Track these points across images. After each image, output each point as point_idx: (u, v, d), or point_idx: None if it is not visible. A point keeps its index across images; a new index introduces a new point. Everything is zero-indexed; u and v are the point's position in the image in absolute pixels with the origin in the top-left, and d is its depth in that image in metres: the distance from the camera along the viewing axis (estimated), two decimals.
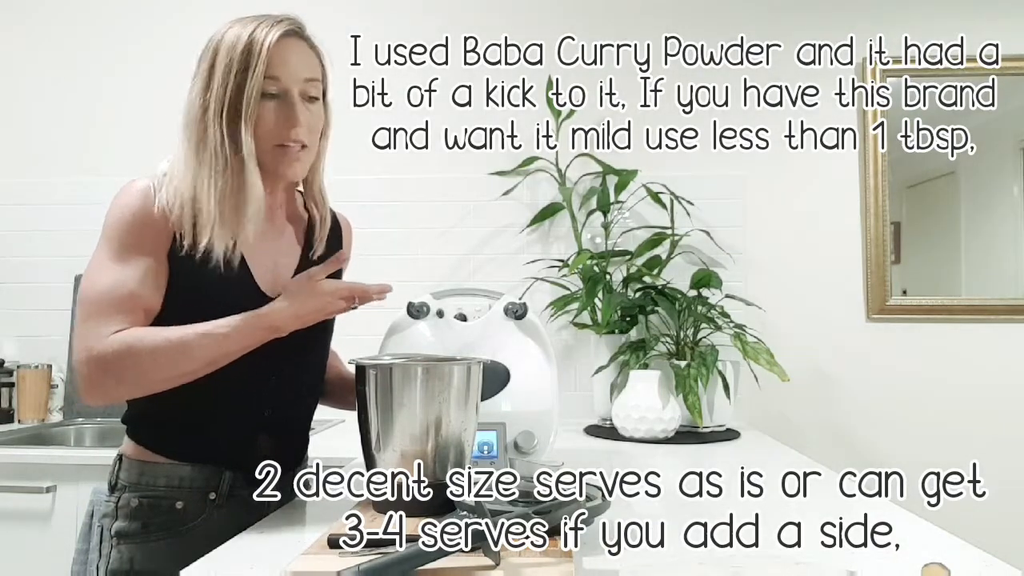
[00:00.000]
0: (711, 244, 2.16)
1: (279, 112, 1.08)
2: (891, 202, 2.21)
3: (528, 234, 2.24)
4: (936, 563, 0.79)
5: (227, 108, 1.05)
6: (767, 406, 2.15)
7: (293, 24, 1.13)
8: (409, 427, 0.97)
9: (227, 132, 1.05)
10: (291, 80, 1.08)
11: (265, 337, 1.03)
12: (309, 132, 1.11)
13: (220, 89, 1.06)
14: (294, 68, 1.09)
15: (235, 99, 1.05)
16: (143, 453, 1.10)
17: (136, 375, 1.00)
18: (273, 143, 1.08)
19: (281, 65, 1.07)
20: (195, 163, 1.06)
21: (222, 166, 1.05)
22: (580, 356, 2.19)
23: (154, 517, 1.08)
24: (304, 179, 1.20)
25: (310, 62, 1.12)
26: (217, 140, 1.05)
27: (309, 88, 1.11)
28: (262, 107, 1.07)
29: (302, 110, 1.09)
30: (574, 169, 2.19)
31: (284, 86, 1.08)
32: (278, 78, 1.07)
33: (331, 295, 1.05)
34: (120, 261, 1.04)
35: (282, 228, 1.20)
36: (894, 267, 2.21)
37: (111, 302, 1.02)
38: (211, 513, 1.08)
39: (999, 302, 2.19)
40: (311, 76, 1.11)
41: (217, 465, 1.09)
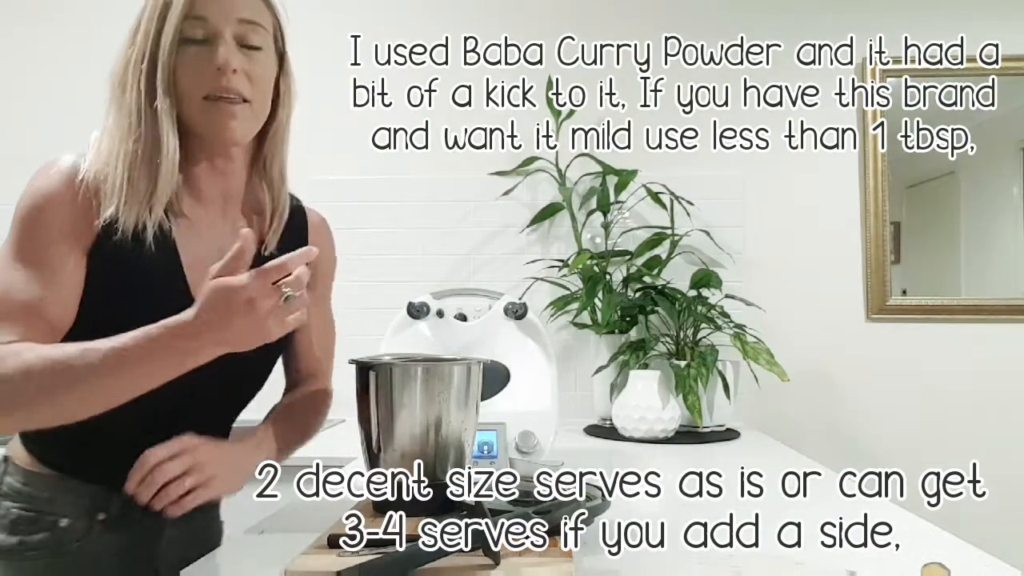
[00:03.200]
0: (711, 244, 2.16)
1: (205, 57, 0.90)
2: (891, 202, 2.21)
3: (528, 234, 2.24)
4: (936, 563, 0.79)
5: (147, 59, 0.90)
6: (767, 406, 2.15)
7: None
8: (409, 427, 0.97)
9: (145, 87, 0.90)
10: (221, 19, 0.91)
11: (180, 363, 0.80)
12: (250, 83, 0.93)
13: (141, 38, 0.91)
14: (226, 6, 0.91)
15: (154, 47, 0.90)
16: (29, 460, 0.96)
17: (4, 402, 0.79)
18: (200, 94, 0.91)
19: (208, 3, 0.91)
20: (114, 128, 0.91)
21: (136, 123, 0.90)
22: (580, 356, 2.19)
23: (33, 533, 0.93)
24: (259, 155, 1.01)
25: (252, 4, 0.94)
26: (133, 97, 0.90)
27: (248, 33, 0.93)
28: (184, 53, 0.90)
29: (234, 52, 0.91)
30: (574, 169, 2.19)
31: (213, 27, 0.91)
32: (204, 17, 0.90)
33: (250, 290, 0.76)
34: (24, 260, 0.87)
35: (232, 217, 1.00)
36: (894, 267, 2.21)
37: (2, 310, 0.84)
38: (98, 536, 0.95)
39: (999, 302, 2.19)
40: (250, 18, 0.93)
41: (107, 484, 0.93)
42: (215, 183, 0.98)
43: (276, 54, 0.99)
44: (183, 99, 0.91)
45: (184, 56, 0.90)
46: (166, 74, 0.90)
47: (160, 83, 0.89)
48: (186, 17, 0.90)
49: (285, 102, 1.00)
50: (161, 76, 0.89)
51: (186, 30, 0.90)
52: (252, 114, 0.94)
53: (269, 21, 0.96)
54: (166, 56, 0.89)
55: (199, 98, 0.91)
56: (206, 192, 0.98)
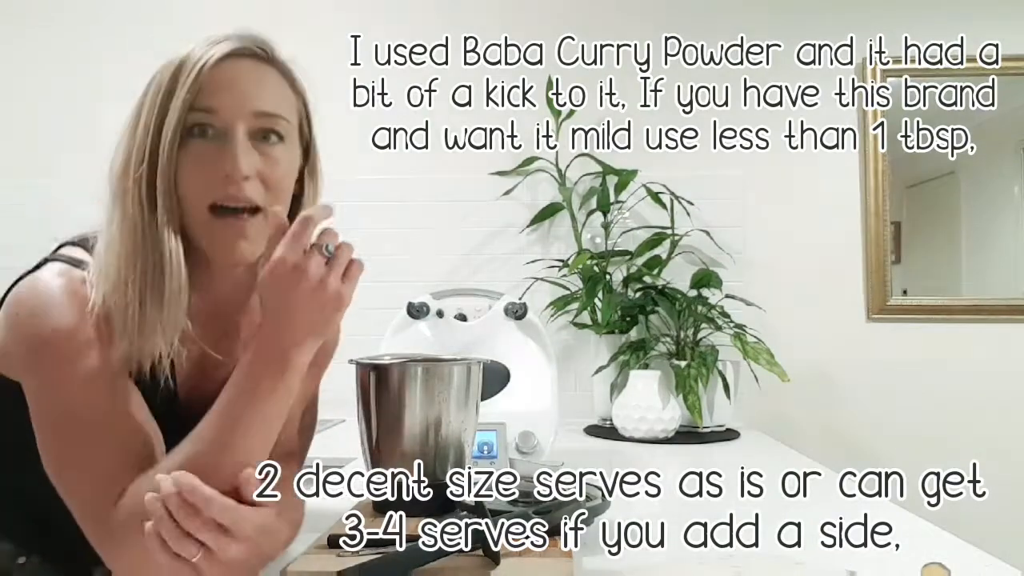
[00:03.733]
0: (711, 244, 2.16)
1: (212, 157, 0.77)
2: (891, 202, 2.21)
3: (528, 234, 2.24)
4: (936, 563, 0.79)
5: (147, 157, 0.76)
6: (767, 406, 2.15)
7: (248, 41, 0.82)
8: (409, 427, 0.97)
9: (145, 191, 0.76)
10: (233, 113, 0.77)
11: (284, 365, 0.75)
12: (265, 189, 0.79)
13: (141, 132, 0.77)
14: (240, 96, 0.78)
15: (155, 142, 0.76)
16: None
17: None
18: (204, 203, 0.78)
19: (218, 91, 0.77)
20: (119, 243, 0.77)
21: (141, 240, 0.76)
22: (580, 356, 2.19)
23: None
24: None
25: (272, 91, 0.82)
26: (135, 206, 0.77)
27: (267, 126, 0.80)
28: (188, 150, 0.77)
29: (246, 152, 0.77)
30: (574, 169, 2.19)
31: (223, 122, 0.77)
32: (213, 109, 0.77)
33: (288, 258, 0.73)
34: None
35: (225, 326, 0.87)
36: (894, 267, 2.21)
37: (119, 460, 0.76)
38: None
39: (999, 302, 2.19)
40: (269, 110, 0.80)
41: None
42: (216, 290, 0.86)
43: (301, 146, 0.86)
44: (185, 207, 0.78)
45: (187, 154, 0.77)
46: (167, 180, 0.76)
47: (161, 192, 0.76)
48: (191, 108, 0.76)
49: (310, 197, 0.86)
50: (162, 182, 0.76)
51: (191, 123, 0.77)
52: (266, 225, 0.79)
53: (294, 109, 0.84)
54: (166, 157, 0.76)
55: (203, 207, 0.78)
56: (205, 300, 0.85)
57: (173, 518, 0.66)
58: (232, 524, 0.68)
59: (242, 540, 0.69)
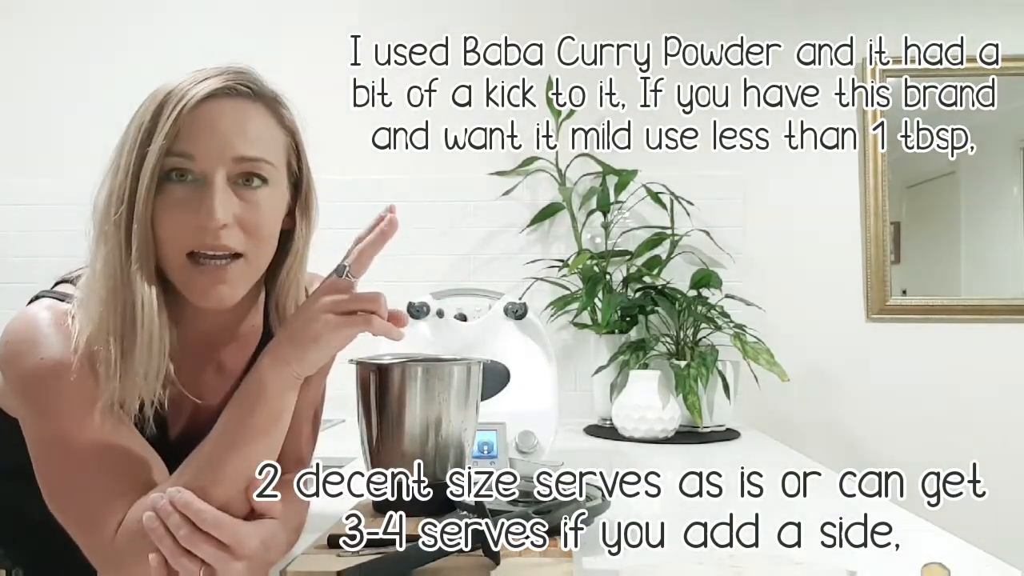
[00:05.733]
0: (711, 244, 2.16)
1: (188, 204, 0.75)
2: (891, 202, 2.21)
3: (528, 234, 2.24)
4: (936, 563, 0.79)
5: (126, 201, 0.74)
6: (767, 406, 2.15)
7: (235, 78, 0.78)
8: (409, 427, 0.97)
9: (124, 235, 0.75)
10: (213, 158, 0.75)
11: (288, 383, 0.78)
12: (245, 235, 0.77)
13: (121, 174, 0.75)
14: (220, 140, 0.75)
15: (133, 185, 0.74)
16: None
17: None
18: (182, 250, 0.76)
19: (197, 136, 0.74)
20: (100, 284, 0.76)
21: (120, 285, 0.75)
22: (580, 356, 2.19)
23: None
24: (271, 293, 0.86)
25: (256, 132, 0.78)
26: (114, 244, 0.75)
27: (248, 169, 0.77)
28: (166, 195, 0.75)
29: (224, 200, 0.74)
30: (574, 169, 2.19)
31: (202, 166, 0.75)
32: (191, 155, 0.75)
33: (323, 309, 0.76)
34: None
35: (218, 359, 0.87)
36: (894, 267, 2.21)
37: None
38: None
39: (999, 302, 2.19)
40: (251, 155, 0.77)
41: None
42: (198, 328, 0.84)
43: (291, 182, 0.84)
44: (163, 251, 0.76)
45: (165, 200, 0.75)
46: (143, 225, 0.74)
47: (136, 237, 0.74)
48: (169, 153, 0.74)
49: (302, 233, 0.85)
50: (138, 227, 0.73)
51: (169, 167, 0.74)
52: (247, 270, 0.79)
53: (281, 147, 0.82)
54: (143, 202, 0.73)
55: (181, 254, 0.76)
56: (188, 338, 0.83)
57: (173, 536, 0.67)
58: (232, 540, 0.69)
59: (243, 556, 0.70)
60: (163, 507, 0.67)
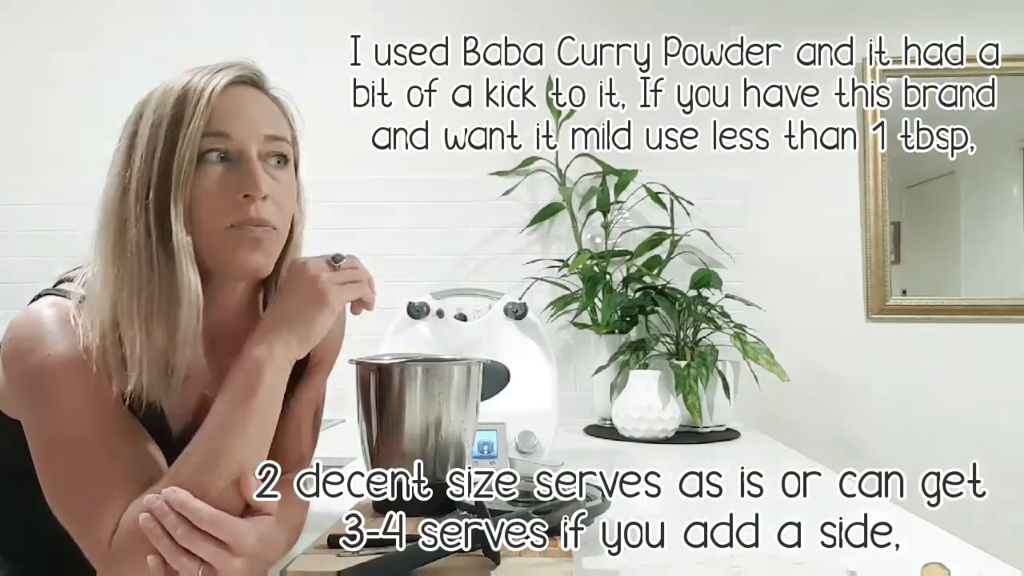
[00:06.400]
0: (711, 244, 2.16)
1: (229, 181, 0.78)
2: (891, 202, 2.21)
3: (528, 234, 2.24)
4: (936, 563, 0.79)
5: (155, 185, 0.76)
6: (767, 406, 2.15)
7: (247, 71, 0.83)
8: (409, 427, 0.97)
9: (155, 219, 0.76)
10: (247, 136, 0.79)
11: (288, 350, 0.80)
12: (278, 208, 0.81)
13: (145, 161, 0.77)
14: (250, 121, 0.80)
15: (164, 170, 0.76)
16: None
17: None
18: (223, 225, 0.78)
19: (231, 116, 0.79)
20: (114, 271, 0.76)
21: (147, 268, 0.76)
22: (580, 356, 2.19)
23: None
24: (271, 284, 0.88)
25: (274, 116, 0.84)
26: (141, 233, 0.76)
27: (274, 148, 0.82)
28: (204, 174, 0.77)
29: (264, 176, 0.79)
30: (574, 169, 2.19)
31: (238, 144, 0.79)
32: (226, 134, 0.78)
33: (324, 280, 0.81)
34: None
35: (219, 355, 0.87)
36: (894, 267, 2.21)
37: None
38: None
39: (999, 302, 2.19)
40: (276, 133, 0.82)
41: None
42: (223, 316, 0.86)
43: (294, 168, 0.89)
44: (200, 230, 0.78)
45: (203, 179, 0.77)
46: (182, 203, 0.76)
47: (176, 215, 0.75)
48: (205, 134, 0.77)
49: (300, 219, 0.89)
50: (176, 205, 0.76)
51: (206, 148, 0.77)
52: (278, 242, 0.83)
53: (289, 134, 0.86)
54: (182, 180, 0.76)
55: (222, 228, 0.78)
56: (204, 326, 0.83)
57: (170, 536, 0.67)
58: (230, 537, 0.69)
59: (242, 553, 0.70)
60: (159, 507, 0.67)
